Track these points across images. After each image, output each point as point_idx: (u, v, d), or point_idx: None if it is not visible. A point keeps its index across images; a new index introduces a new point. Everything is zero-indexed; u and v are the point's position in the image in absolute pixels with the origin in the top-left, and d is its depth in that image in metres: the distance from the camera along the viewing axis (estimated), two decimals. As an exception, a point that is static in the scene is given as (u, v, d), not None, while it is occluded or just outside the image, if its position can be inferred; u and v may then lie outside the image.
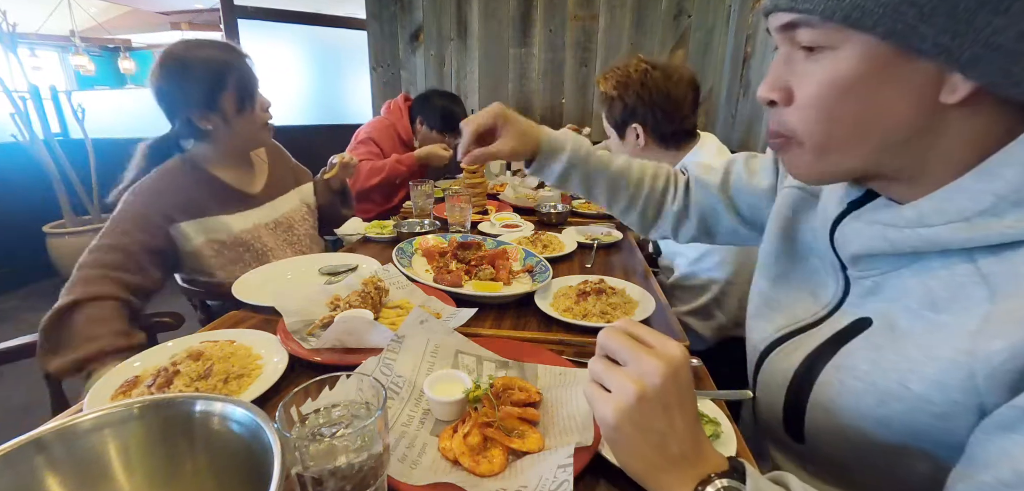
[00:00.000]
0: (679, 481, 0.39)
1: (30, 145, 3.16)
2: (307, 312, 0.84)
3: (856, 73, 0.40)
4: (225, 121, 1.17)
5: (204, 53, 1.14)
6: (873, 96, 0.41)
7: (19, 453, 0.38)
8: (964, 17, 0.36)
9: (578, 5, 2.84)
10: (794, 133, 0.46)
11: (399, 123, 2.24)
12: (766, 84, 0.47)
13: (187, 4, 6.55)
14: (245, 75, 1.18)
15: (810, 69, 0.43)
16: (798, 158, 0.47)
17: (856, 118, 0.42)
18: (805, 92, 0.44)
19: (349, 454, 0.42)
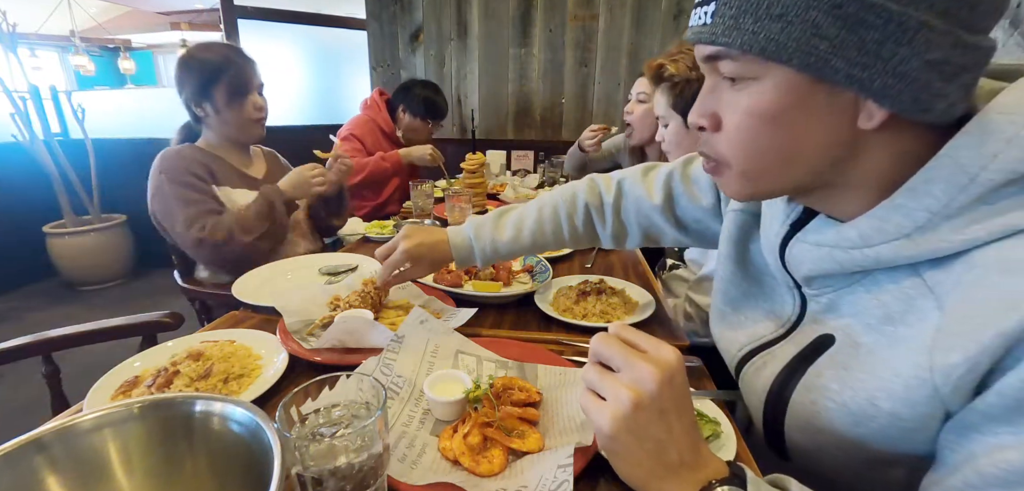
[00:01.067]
0: (679, 488, 0.40)
1: (30, 145, 3.16)
2: (307, 312, 0.84)
3: (777, 103, 0.42)
4: (215, 110, 1.36)
5: (207, 53, 1.34)
6: (794, 124, 0.42)
7: (19, 453, 0.38)
8: (872, 49, 0.37)
9: (578, 5, 2.84)
10: (723, 158, 0.48)
11: (378, 117, 2.26)
12: (695, 111, 0.48)
13: (187, 4, 6.55)
14: (238, 74, 1.35)
15: (734, 99, 0.44)
16: (729, 181, 0.49)
17: (780, 145, 0.44)
18: (730, 121, 0.45)
19: (349, 454, 0.42)
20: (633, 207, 0.84)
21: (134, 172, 3.64)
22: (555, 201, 0.87)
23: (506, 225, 0.86)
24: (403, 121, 2.27)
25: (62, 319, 2.03)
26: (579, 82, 2.96)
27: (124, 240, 3.52)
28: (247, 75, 1.36)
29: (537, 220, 0.86)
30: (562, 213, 0.86)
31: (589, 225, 0.87)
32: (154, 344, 0.94)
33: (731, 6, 0.40)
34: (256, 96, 1.40)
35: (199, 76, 1.32)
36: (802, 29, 0.38)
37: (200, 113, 1.36)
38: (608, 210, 0.85)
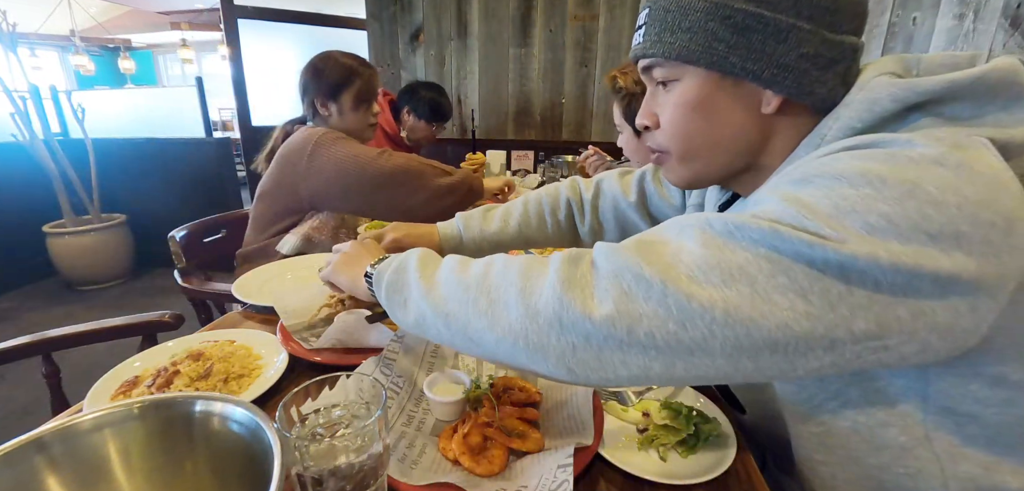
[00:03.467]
0: (360, 274, 0.61)
1: (30, 145, 3.16)
2: (307, 312, 0.84)
3: (696, 95, 0.52)
4: (340, 112, 1.48)
5: (343, 59, 1.48)
6: (711, 112, 0.52)
7: (19, 453, 0.38)
8: (757, 47, 0.47)
9: (578, 5, 2.84)
10: (664, 148, 0.57)
11: (382, 118, 2.25)
12: (640, 114, 0.58)
13: (187, 4, 6.55)
14: (367, 82, 1.49)
15: (666, 98, 0.55)
16: (671, 168, 0.58)
17: (704, 130, 0.53)
18: (665, 116, 0.55)
19: (349, 454, 0.42)
20: (610, 204, 0.92)
21: (134, 172, 3.67)
22: (540, 197, 0.95)
23: (494, 217, 0.93)
24: (407, 123, 2.27)
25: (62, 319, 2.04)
26: (579, 82, 2.96)
27: (124, 240, 3.52)
28: (374, 84, 1.52)
29: (523, 213, 0.93)
30: (546, 208, 0.94)
31: (570, 220, 0.95)
32: (154, 344, 0.94)
33: (654, 26, 0.52)
34: (375, 104, 1.55)
35: (333, 79, 1.45)
36: (704, 37, 0.49)
37: (324, 113, 1.47)
38: (587, 207, 0.94)
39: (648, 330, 0.38)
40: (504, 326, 0.44)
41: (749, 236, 0.38)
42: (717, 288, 0.37)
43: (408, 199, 1.41)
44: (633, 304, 0.39)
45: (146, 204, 3.59)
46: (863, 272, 0.35)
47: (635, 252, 0.41)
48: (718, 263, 0.38)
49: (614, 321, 0.39)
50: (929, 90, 0.43)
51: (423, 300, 0.50)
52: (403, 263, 0.55)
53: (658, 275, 0.38)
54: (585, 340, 0.40)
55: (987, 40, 1.26)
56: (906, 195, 0.36)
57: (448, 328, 0.48)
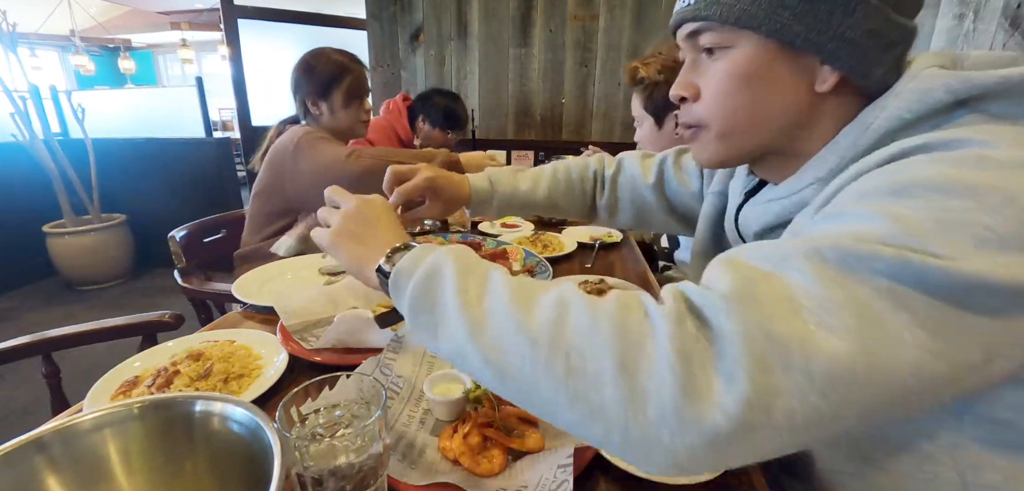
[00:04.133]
0: (372, 261, 0.51)
1: (30, 145, 3.16)
2: (307, 312, 0.84)
3: (749, 65, 0.49)
4: (331, 110, 1.48)
5: (333, 56, 1.48)
6: (763, 85, 0.49)
7: (19, 453, 0.38)
8: (824, 17, 0.45)
9: (578, 5, 2.84)
10: (701, 122, 0.54)
11: (398, 123, 2.24)
12: (677, 84, 0.55)
13: (187, 4, 6.55)
14: (357, 79, 1.49)
15: (713, 67, 0.51)
16: (705, 144, 0.55)
17: (751, 104, 0.50)
18: (710, 86, 0.52)
19: (349, 454, 0.42)
20: (628, 183, 0.92)
21: (134, 172, 3.67)
22: (569, 165, 0.95)
23: (525, 178, 0.92)
24: (422, 130, 2.25)
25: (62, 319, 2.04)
26: (579, 82, 2.96)
27: (124, 240, 3.52)
28: (363, 81, 1.52)
29: (553, 178, 0.93)
30: (574, 176, 0.94)
31: (591, 192, 0.95)
32: (154, 344, 0.94)
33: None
34: (367, 100, 1.55)
35: (323, 76, 1.45)
36: (768, 1, 0.46)
37: (315, 111, 1.48)
38: (607, 182, 0.93)
39: (787, 408, 0.31)
40: (591, 406, 0.33)
41: (868, 265, 0.33)
42: (853, 338, 0.31)
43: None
44: (770, 376, 0.31)
45: (146, 204, 3.59)
46: (975, 291, 0.32)
47: (748, 302, 0.33)
48: (844, 303, 0.32)
49: (750, 405, 0.30)
50: (982, 85, 0.41)
51: (468, 339, 0.39)
52: (435, 270, 0.43)
53: (793, 334, 0.31)
54: (710, 438, 0.31)
55: (987, 40, 1.26)
56: (1006, 203, 0.33)
57: (503, 384, 0.38)
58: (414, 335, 0.45)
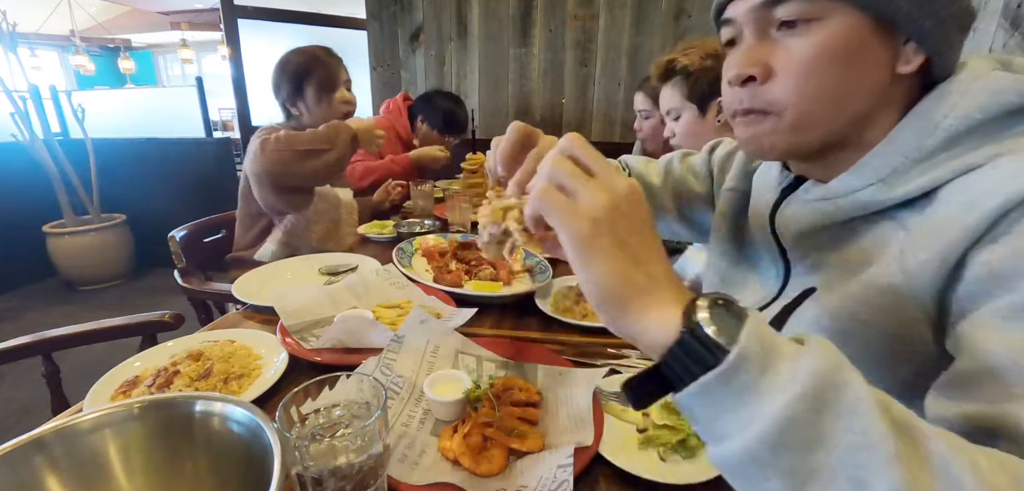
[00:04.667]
0: (660, 302, 0.34)
1: (30, 145, 3.16)
2: (307, 312, 0.84)
3: (843, 42, 0.44)
4: (308, 108, 1.47)
5: (299, 55, 1.46)
6: (854, 65, 0.45)
7: (19, 453, 0.38)
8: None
9: (578, 5, 2.84)
10: (773, 106, 0.48)
11: (398, 122, 2.24)
12: (742, 61, 0.48)
13: (187, 4, 6.54)
14: (325, 71, 1.46)
15: (794, 43, 0.46)
16: (771, 132, 0.49)
17: (837, 87, 0.46)
18: (791, 64, 0.46)
19: (349, 454, 0.42)
20: (672, 187, 0.84)
21: (134, 172, 3.67)
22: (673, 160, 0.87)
23: (655, 171, 0.85)
24: (421, 131, 2.24)
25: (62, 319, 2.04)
26: (579, 82, 2.96)
27: (124, 240, 3.52)
28: (334, 72, 1.48)
29: (667, 171, 0.85)
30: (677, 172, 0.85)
31: None
32: (154, 344, 0.94)
33: None
34: (344, 91, 1.51)
35: (293, 76, 1.45)
36: None
37: (295, 112, 1.48)
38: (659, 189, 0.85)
39: None
40: None
41: None
42: None
43: (319, 178, 1.39)
44: None
45: (146, 204, 3.59)
46: None
47: None
48: None
49: None
50: None
51: None
52: (831, 385, 0.29)
53: None
54: None
55: (987, 40, 1.26)
56: None
57: None
58: (743, 474, 0.31)
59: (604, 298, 0.35)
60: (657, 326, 0.34)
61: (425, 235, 1.31)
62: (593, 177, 0.36)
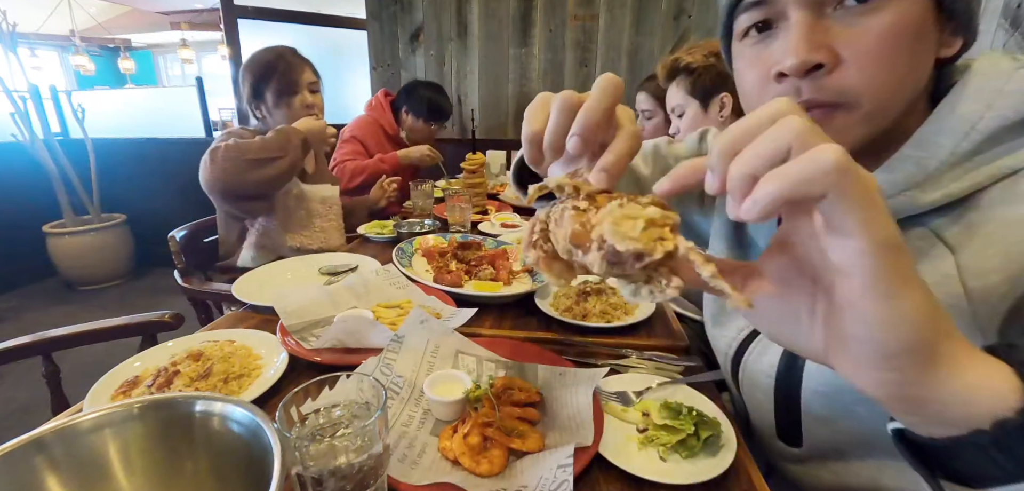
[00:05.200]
0: (969, 354, 0.26)
1: (30, 145, 3.16)
2: (307, 312, 0.84)
3: (916, 20, 0.40)
4: (268, 112, 1.45)
5: (259, 56, 1.44)
6: (920, 46, 0.42)
7: (19, 453, 0.38)
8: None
9: (578, 5, 2.84)
10: (846, 95, 0.42)
11: (382, 118, 2.26)
12: (805, 46, 0.41)
13: (187, 4, 6.54)
14: (285, 73, 1.42)
15: (866, 21, 0.40)
16: (844, 128, 0.43)
17: (907, 72, 0.42)
18: (866, 45, 0.40)
19: (349, 454, 0.42)
20: (630, 180, 0.80)
21: (134, 172, 3.67)
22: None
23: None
24: (406, 122, 2.27)
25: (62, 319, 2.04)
26: (579, 82, 2.96)
27: (124, 240, 3.52)
28: (295, 75, 1.44)
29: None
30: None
31: None
32: (154, 344, 0.94)
33: None
34: (306, 94, 1.47)
35: (252, 79, 1.42)
36: None
37: (259, 115, 1.46)
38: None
39: None
40: None
41: None
42: None
43: (273, 185, 1.36)
44: None
45: (146, 204, 3.59)
46: None
47: None
48: None
49: None
50: None
51: None
52: None
53: None
54: None
55: (987, 40, 1.26)
56: None
57: None
58: None
59: (913, 344, 0.24)
60: (984, 389, 0.25)
61: (425, 235, 1.31)
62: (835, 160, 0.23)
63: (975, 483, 0.26)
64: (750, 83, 0.47)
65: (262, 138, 1.33)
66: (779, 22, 0.44)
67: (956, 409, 0.25)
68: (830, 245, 0.24)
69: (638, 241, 0.28)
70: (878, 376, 0.26)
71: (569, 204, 0.32)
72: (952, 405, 0.25)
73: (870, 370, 0.26)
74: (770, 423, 0.58)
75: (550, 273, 0.34)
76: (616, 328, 0.86)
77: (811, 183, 0.22)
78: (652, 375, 0.70)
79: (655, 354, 0.77)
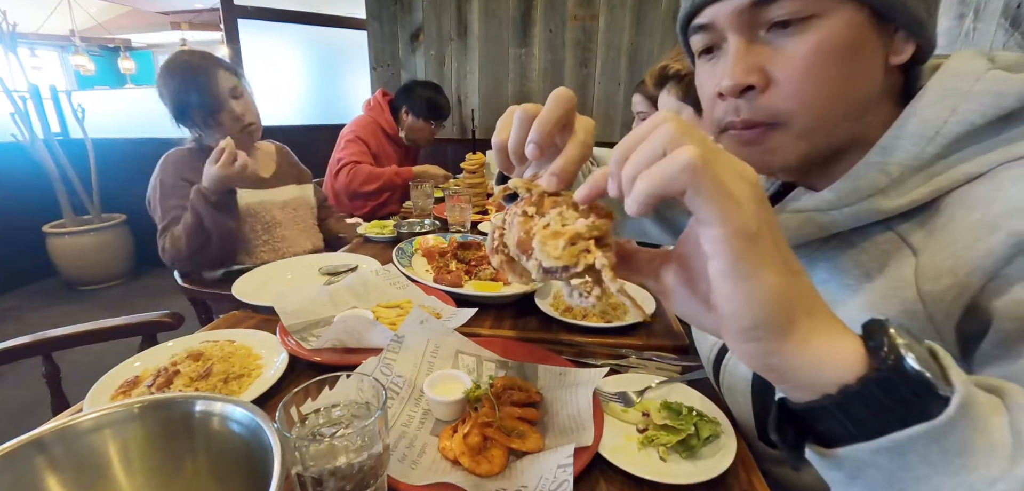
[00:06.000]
0: (827, 327, 0.29)
1: (30, 145, 3.16)
2: (307, 312, 0.84)
3: (843, 38, 0.41)
4: (199, 131, 1.36)
5: (170, 79, 1.30)
6: (853, 61, 0.42)
7: (19, 453, 0.38)
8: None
9: (578, 5, 2.84)
10: (778, 115, 0.44)
11: (381, 118, 2.26)
12: (738, 70, 0.44)
13: (187, 4, 6.54)
14: (204, 98, 1.29)
15: (793, 44, 0.42)
16: (780, 145, 0.45)
17: (840, 86, 0.43)
18: (794, 67, 0.42)
19: (349, 454, 0.42)
20: None
21: (134, 172, 3.64)
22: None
23: None
24: (406, 122, 2.28)
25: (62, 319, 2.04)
26: (579, 82, 2.96)
27: (124, 240, 3.52)
28: (211, 94, 1.29)
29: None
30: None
31: None
32: (154, 344, 0.94)
33: None
34: (232, 106, 1.33)
35: (171, 106, 1.32)
36: None
37: (194, 134, 1.38)
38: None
39: None
40: None
41: None
42: None
43: (217, 259, 1.34)
44: None
45: (146, 204, 3.58)
46: None
47: None
48: None
49: None
50: None
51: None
52: None
53: None
54: None
55: (987, 40, 1.26)
56: None
57: None
58: None
59: (767, 320, 0.27)
60: (831, 358, 0.28)
61: (425, 235, 1.31)
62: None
63: (829, 443, 0.30)
64: (704, 98, 0.51)
65: (186, 228, 1.27)
66: (722, 44, 0.47)
67: (808, 375, 0.28)
68: (698, 231, 0.28)
69: (560, 259, 0.32)
70: (745, 346, 0.29)
71: (518, 210, 0.36)
72: (805, 372, 0.28)
73: (739, 341, 0.29)
74: (750, 424, 0.59)
75: (512, 274, 0.37)
76: (616, 328, 0.86)
77: (671, 180, 0.26)
78: (652, 375, 0.70)
79: (655, 354, 0.77)
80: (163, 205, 1.33)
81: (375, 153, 2.19)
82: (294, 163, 1.67)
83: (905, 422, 0.26)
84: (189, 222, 1.27)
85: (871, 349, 0.28)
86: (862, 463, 0.28)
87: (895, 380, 0.26)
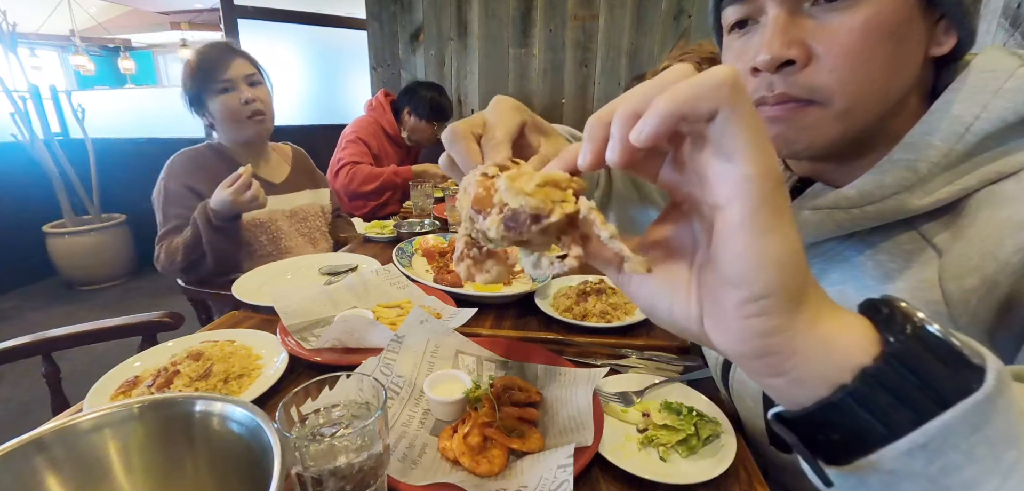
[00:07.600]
0: (827, 304, 0.25)
1: (30, 145, 3.16)
2: (307, 312, 0.84)
3: (894, 19, 0.39)
4: (212, 118, 1.38)
5: (192, 61, 1.35)
6: (898, 44, 0.40)
7: (19, 453, 0.38)
8: None
9: (578, 5, 2.84)
10: (818, 93, 0.42)
11: (383, 119, 2.26)
12: (778, 42, 0.41)
13: (187, 4, 6.54)
14: (208, 69, 1.32)
15: (839, 19, 0.40)
16: (815, 125, 0.43)
17: (885, 69, 0.41)
18: (840, 42, 0.40)
19: (349, 454, 0.42)
20: (618, 179, 0.79)
21: (134, 172, 3.66)
22: None
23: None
24: (408, 123, 2.27)
25: (62, 319, 2.04)
26: (579, 82, 2.96)
27: (124, 240, 3.52)
28: (221, 74, 1.32)
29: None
30: None
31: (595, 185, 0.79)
32: (154, 344, 0.94)
33: None
34: (245, 89, 1.34)
35: (189, 87, 1.35)
36: None
37: (207, 121, 1.41)
38: (602, 176, 0.79)
39: None
40: None
41: None
42: None
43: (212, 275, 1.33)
44: None
45: (146, 204, 3.56)
46: None
47: None
48: None
49: None
50: None
51: None
52: None
53: None
54: None
55: (987, 40, 1.26)
56: None
57: None
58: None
59: (780, 286, 0.23)
60: (841, 339, 0.24)
61: (425, 235, 1.31)
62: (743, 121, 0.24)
63: (843, 458, 0.25)
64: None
65: (185, 242, 1.26)
66: (759, 17, 0.45)
67: (816, 363, 0.24)
68: (715, 173, 0.23)
69: (532, 196, 0.27)
70: (744, 325, 0.24)
71: (477, 173, 0.32)
72: (812, 358, 0.24)
73: (737, 319, 0.24)
74: (761, 429, 0.58)
75: (481, 273, 0.34)
76: (616, 328, 0.86)
77: (701, 99, 0.22)
78: (652, 375, 0.70)
79: (655, 354, 0.77)
80: (165, 212, 1.33)
81: (376, 153, 2.19)
82: (311, 168, 1.64)
83: (941, 403, 0.22)
84: (188, 238, 1.27)
85: (881, 323, 0.24)
86: (893, 475, 0.23)
87: (918, 350, 0.22)
